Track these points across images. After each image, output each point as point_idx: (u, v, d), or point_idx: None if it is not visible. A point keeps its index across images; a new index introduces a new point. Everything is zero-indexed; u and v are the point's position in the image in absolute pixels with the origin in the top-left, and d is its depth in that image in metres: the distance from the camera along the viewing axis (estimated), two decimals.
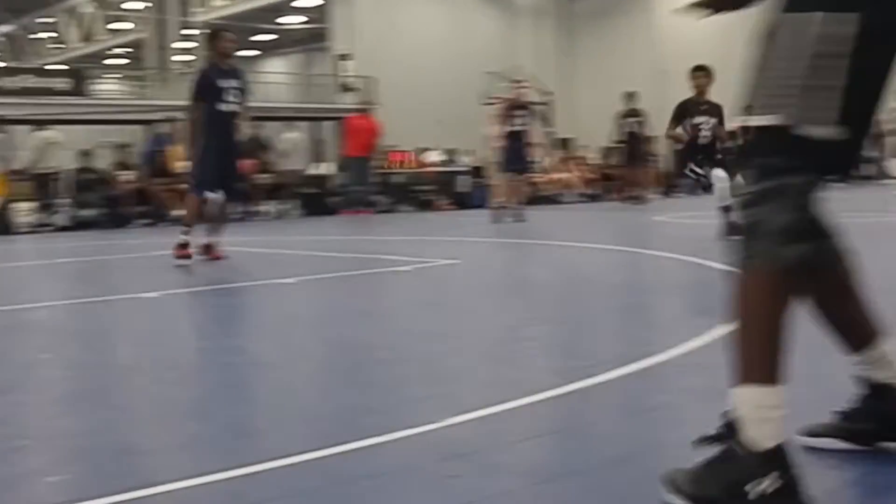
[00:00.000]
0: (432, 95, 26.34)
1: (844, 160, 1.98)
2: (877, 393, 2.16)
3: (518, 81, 14.52)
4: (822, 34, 1.85)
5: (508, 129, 13.22)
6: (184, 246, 8.04)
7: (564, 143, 22.33)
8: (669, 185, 21.38)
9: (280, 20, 31.12)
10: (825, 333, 2.18)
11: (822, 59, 1.85)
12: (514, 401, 2.84)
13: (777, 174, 1.90)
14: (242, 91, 8.24)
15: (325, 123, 24.75)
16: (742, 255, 1.94)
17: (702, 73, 9.19)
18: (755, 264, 1.91)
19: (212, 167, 8.08)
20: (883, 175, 23.09)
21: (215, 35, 8.42)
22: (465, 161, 20.55)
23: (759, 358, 1.90)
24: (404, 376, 3.39)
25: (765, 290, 1.91)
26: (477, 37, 29.08)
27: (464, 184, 19.39)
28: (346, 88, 25.81)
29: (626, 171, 17.73)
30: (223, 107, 8.05)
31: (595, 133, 23.16)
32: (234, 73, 8.26)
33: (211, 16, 30.53)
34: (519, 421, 2.71)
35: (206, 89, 8.03)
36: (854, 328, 2.17)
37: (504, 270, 7.67)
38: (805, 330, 2.07)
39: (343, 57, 27.30)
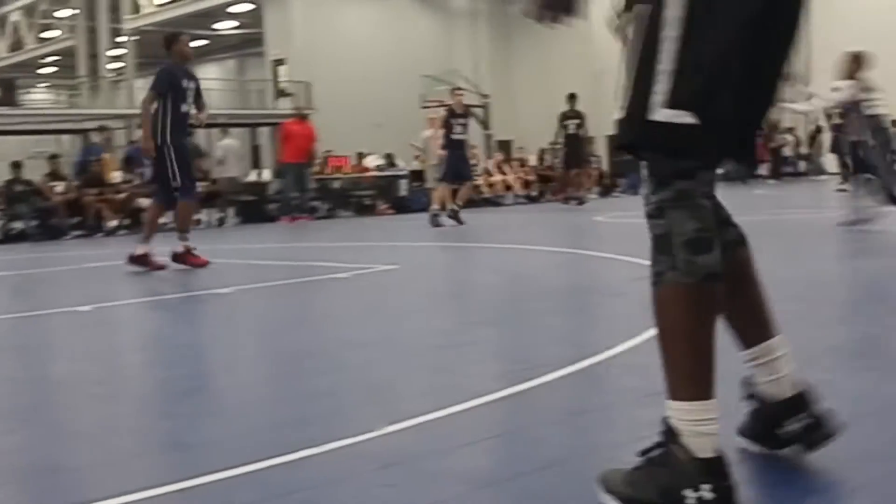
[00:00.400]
0: (370, 99, 26.31)
1: (726, 146, 1.90)
2: (754, 395, 2.17)
3: (457, 89, 14.55)
4: (660, 19, 1.83)
5: (450, 137, 13.25)
6: (187, 253, 8.09)
7: (503, 146, 22.44)
8: (608, 185, 21.63)
9: (213, 26, 30.83)
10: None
11: (665, 44, 1.83)
12: (451, 407, 2.84)
13: (671, 178, 1.87)
14: (199, 94, 8.29)
15: (262, 130, 24.58)
16: (655, 269, 1.89)
17: None
18: (670, 279, 1.87)
19: (189, 169, 8.18)
20: (818, 171, 23.59)
21: (174, 38, 8.41)
22: (404, 165, 20.55)
23: (687, 375, 1.88)
24: (341, 385, 3.37)
25: (684, 304, 1.87)
26: (413, 40, 29.12)
27: (403, 188, 19.38)
28: (281, 94, 25.66)
29: (565, 173, 17.87)
30: (184, 108, 8.08)
31: (533, 135, 23.33)
32: (192, 76, 8.31)
33: (142, 22, 30.14)
34: (457, 427, 2.71)
35: (172, 87, 8.03)
36: (746, 324, 2.14)
37: (443, 275, 7.68)
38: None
39: (278, 62, 27.13)
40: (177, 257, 8.15)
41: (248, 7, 28.96)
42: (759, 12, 1.86)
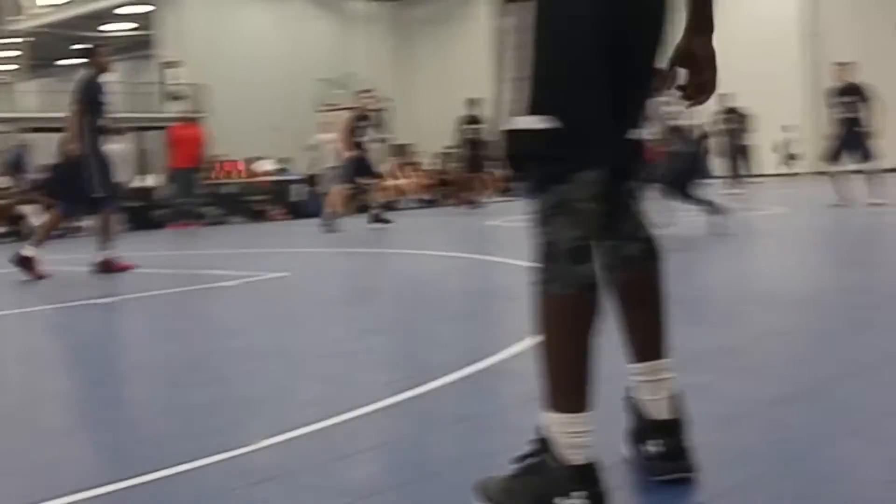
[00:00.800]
0: (265, 103, 26.01)
1: (595, 146, 1.88)
2: (632, 407, 2.18)
3: (365, 91, 14.44)
4: (513, 26, 1.87)
5: (356, 139, 13.24)
6: (111, 261, 8.09)
7: (401, 149, 22.38)
8: (506, 189, 21.79)
9: (104, 28, 30.03)
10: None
11: (520, 51, 1.86)
12: (334, 417, 2.79)
13: (547, 184, 1.88)
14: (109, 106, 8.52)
15: (151, 133, 24.04)
16: (536, 279, 1.90)
17: None
18: (548, 289, 1.87)
19: (111, 179, 8.31)
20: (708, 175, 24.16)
21: (95, 50, 8.54)
22: (299, 169, 20.33)
23: (564, 387, 1.88)
24: (221, 398, 3.28)
25: (561, 315, 1.87)
26: (310, 44, 28.90)
27: (298, 192, 19.17)
28: (172, 97, 25.16)
29: (463, 177, 17.94)
30: (101, 121, 8.24)
31: (433, 138, 23.37)
32: (107, 88, 8.54)
33: (31, 24, 29.23)
34: (337, 438, 2.66)
35: (94, 98, 8.19)
36: (639, 339, 2.14)
37: (335, 281, 7.60)
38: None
39: (170, 64, 26.59)
40: (102, 266, 8.09)
41: (140, 9, 28.30)
42: (609, 11, 1.87)
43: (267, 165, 20.74)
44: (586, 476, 1.86)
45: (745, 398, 2.81)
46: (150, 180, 19.48)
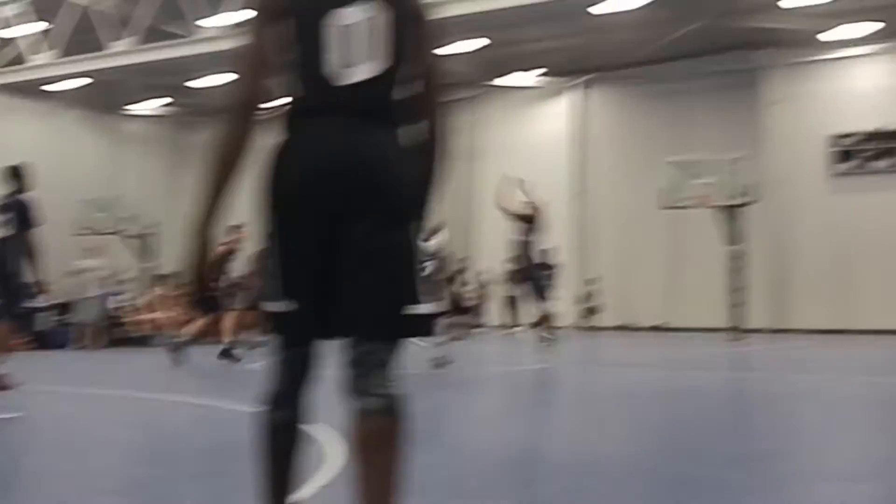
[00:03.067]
0: None
1: (302, 330, 2.57)
2: None
3: (236, 227, 13.53)
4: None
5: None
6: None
7: (164, 278, 21.44)
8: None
9: None
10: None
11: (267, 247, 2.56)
12: None
13: (278, 348, 2.63)
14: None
15: None
16: (257, 413, 2.65)
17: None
18: (261, 422, 2.65)
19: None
20: (479, 324, 24.85)
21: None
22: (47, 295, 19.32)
23: (265, 492, 2.63)
24: None
25: (265, 444, 2.64)
26: (78, 161, 28.17)
27: (43, 321, 18.11)
28: None
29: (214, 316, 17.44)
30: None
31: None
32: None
33: None
34: None
35: None
36: (362, 491, 2.40)
37: (71, 427, 7.20)
38: None
39: None
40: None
41: None
42: (317, 200, 2.47)
43: None
44: None
45: None
46: None
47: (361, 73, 2.45)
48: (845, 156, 24.42)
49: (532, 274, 12.94)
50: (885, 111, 23.87)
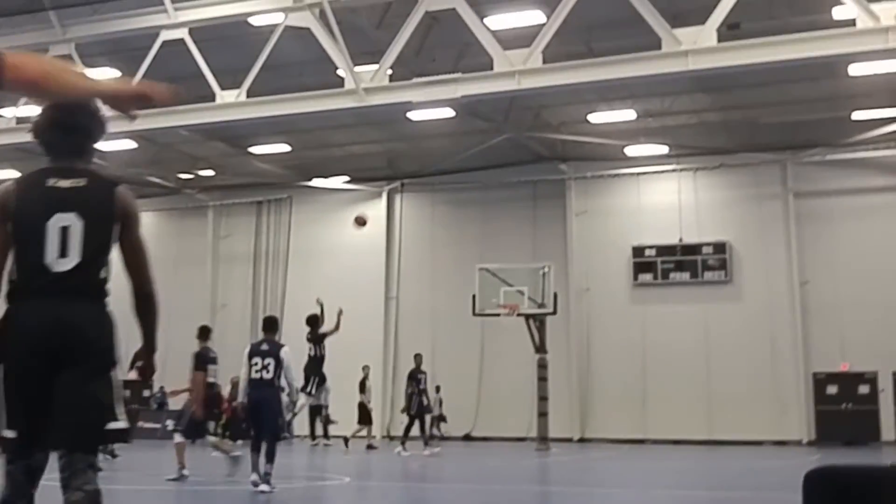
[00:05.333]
0: None
1: (25, 449, 3.46)
2: None
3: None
4: None
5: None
6: None
7: None
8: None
9: None
10: None
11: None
12: None
13: (6, 463, 3.44)
14: None
15: None
16: None
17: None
18: None
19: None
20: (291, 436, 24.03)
21: None
22: None
23: None
24: None
25: None
26: None
27: None
28: None
29: None
30: None
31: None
32: None
33: None
34: None
35: None
36: None
37: None
38: None
39: None
40: None
41: None
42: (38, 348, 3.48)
43: None
44: None
45: None
46: None
47: (72, 261, 3.50)
48: (646, 267, 25.39)
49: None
50: (683, 226, 24.99)
